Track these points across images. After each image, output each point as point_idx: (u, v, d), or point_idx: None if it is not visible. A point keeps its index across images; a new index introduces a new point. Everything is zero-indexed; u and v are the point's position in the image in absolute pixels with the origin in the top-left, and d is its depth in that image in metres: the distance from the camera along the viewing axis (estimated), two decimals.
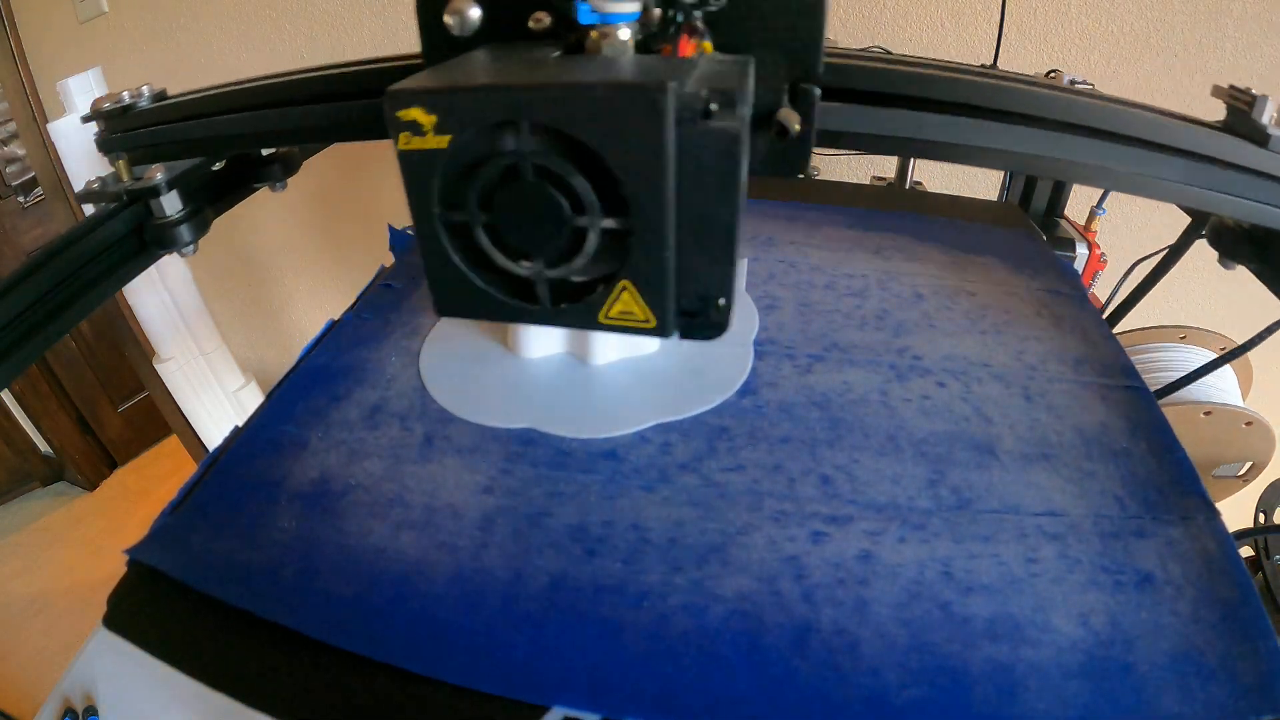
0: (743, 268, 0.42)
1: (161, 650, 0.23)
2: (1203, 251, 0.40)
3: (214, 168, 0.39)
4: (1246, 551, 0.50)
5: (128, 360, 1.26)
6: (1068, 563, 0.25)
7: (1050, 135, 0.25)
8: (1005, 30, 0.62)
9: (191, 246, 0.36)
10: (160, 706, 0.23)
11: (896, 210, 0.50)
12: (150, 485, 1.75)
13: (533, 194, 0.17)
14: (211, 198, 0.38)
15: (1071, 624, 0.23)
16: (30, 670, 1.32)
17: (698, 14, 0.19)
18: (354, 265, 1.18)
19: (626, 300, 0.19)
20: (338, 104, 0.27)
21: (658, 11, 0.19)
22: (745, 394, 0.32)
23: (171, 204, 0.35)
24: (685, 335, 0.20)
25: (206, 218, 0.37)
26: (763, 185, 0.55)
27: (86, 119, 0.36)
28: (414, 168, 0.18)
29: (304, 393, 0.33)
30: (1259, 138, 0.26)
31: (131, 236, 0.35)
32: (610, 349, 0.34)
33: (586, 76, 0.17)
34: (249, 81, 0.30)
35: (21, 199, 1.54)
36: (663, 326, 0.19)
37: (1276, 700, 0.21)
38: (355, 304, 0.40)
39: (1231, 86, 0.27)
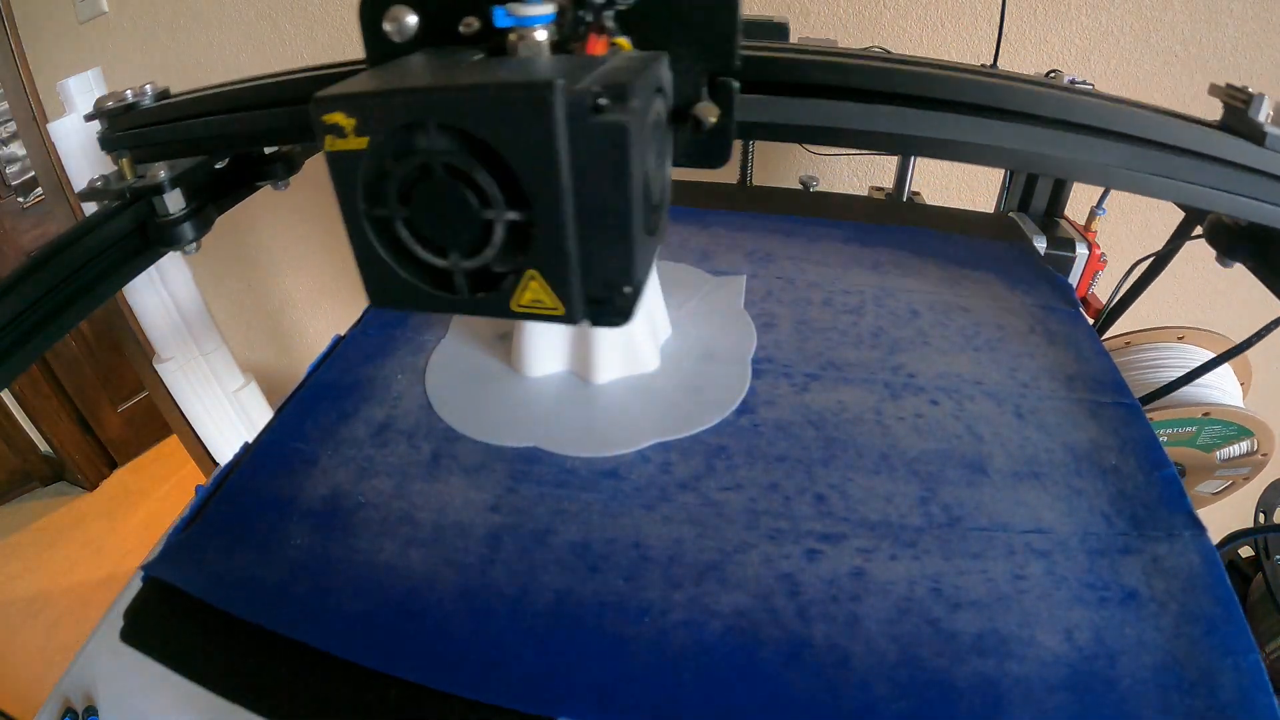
0: (741, 284, 0.42)
1: (177, 664, 0.24)
2: (1203, 252, 0.41)
3: (216, 166, 0.39)
4: (1246, 551, 0.51)
5: (128, 360, 1.26)
6: (1054, 579, 0.26)
7: (1018, 128, 0.25)
8: (1005, 31, 0.63)
9: (194, 245, 0.36)
10: (160, 707, 0.24)
11: (894, 224, 0.51)
12: (150, 485, 1.75)
13: (443, 190, 0.19)
14: (214, 196, 0.39)
15: (1056, 639, 0.24)
16: (30, 670, 1.32)
17: (608, 14, 0.20)
18: (354, 267, 1.19)
19: (535, 289, 0.20)
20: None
21: (570, 13, 0.20)
22: (743, 413, 0.33)
23: (174, 202, 0.35)
24: (595, 322, 0.21)
25: (209, 216, 0.38)
26: (761, 198, 0.56)
27: (90, 117, 0.36)
28: (339, 168, 0.19)
29: (312, 409, 0.34)
30: (1256, 136, 0.26)
31: (134, 234, 0.35)
32: (611, 368, 0.34)
33: (485, 77, 0.18)
34: (251, 80, 0.31)
35: (21, 199, 1.54)
36: (570, 314, 0.20)
37: (1256, 713, 0.22)
38: (361, 320, 0.41)
39: (1229, 85, 0.28)
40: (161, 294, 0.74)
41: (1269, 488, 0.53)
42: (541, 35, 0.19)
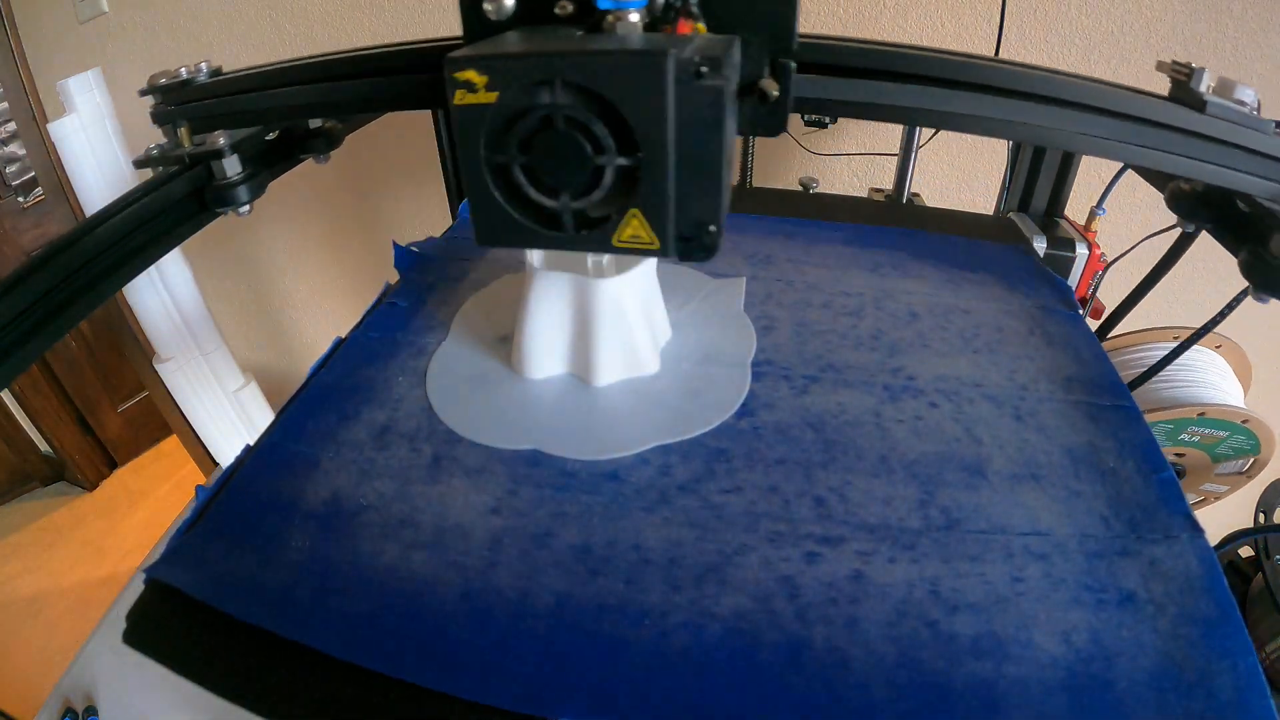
0: (741, 286, 0.43)
1: (179, 666, 0.24)
2: (1205, 252, 0.41)
3: (267, 138, 0.43)
4: (1246, 551, 0.51)
5: (128, 360, 1.26)
6: (1052, 582, 0.26)
7: (1007, 102, 0.29)
8: (1005, 30, 0.63)
9: (247, 207, 0.40)
10: (160, 708, 0.24)
11: (893, 226, 0.51)
12: (150, 485, 1.75)
13: (563, 139, 0.22)
14: (266, 164, 0.42)
15: (1054, 641, 0.24)
16: (30, 670, 1.32)
17: (692, 1, 0.24)
18: (354, 267, 1.19)
19: (635, 226, 0.23)
20: (388, 78, 0.31)
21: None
22: (743, 416, 0.33)
23: (232, 166, 0.39)
24: (683, 256, 0.24)
25: (263, 180, 0.41)
26: (762, 200, 0.56)
27: (144, 93, 0.39)
28: (467, 119, 0.22)
29: (314, 412, 0.34)
30: (1197, 104, 0.30)
31: (191, 198, 0.39)
32: (612, 371, 0.35)
33: (607, 45, 0.21)
34: (302, 59, 0.35)
35: (21, 199, 1.54)
36: (665, 248, 0.24)
37: (1254, 715, 0.22)
38: (361, 322, 0.41)
39: (1174, 61, 0.32)
40: (162, 294, 0.74)
41: (1269, 488, 0.53)
42: (635, 17, 0.23)
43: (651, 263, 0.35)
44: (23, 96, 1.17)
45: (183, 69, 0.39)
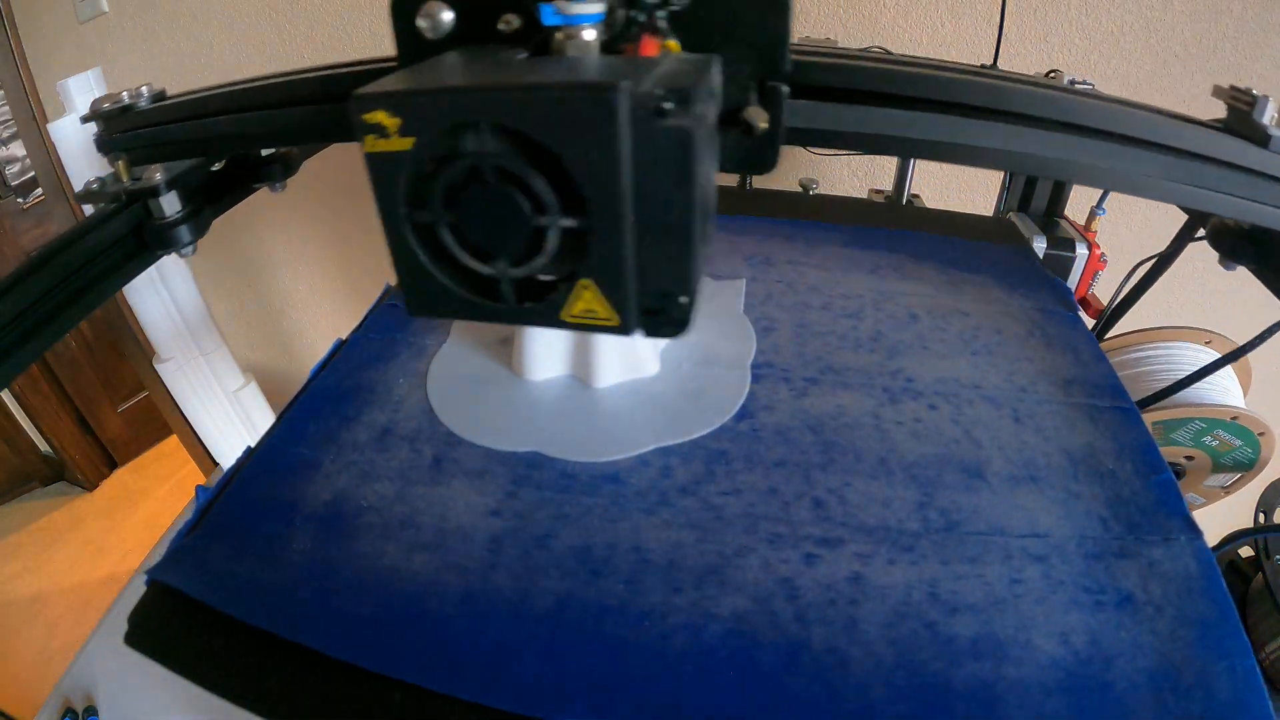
0: (740, 288, 0.43)
1: (181, 667, 0.24)
2: (1207, 252, 0.41)
3: (213, 168, 0.39)
4: (1246, 551, 0.51)
5: (128, 360, 1.26)
6: (1050, 583, 0.26)
7: (1037, 133, 0.24)
8: (1005, 30, 0.63)
9: (190, 247, 0.36)
10: (160, 708, 0.24)
11: (893, 227, 0.51)
12: (150, 485, 1.75)
13: (494, 194, 0.18)
14: (211, 198, 0.38)
15: (1052, 643, 0.24)
16: (30, 670, 1.32)
17: (660, 14, 0.20)
18: (353, 267, 1.19)
19: (588, 299, 0.19)
20: (333, 104, 0.27)
21: (622, 13, 0.19)
22: (742, 418, 0.33)
23: (170, 204, 0.34)
24: (649, 333, 0.20)
25: (205, 218, 0.37)
26: (762, 201, 0.56)
27: (86, 119, 0.36)
28: (380, 169, 0.18)
29: (315, 414, 0.34)
30: (1259, 138, 0.26)
31: (131, 237, 0.35)
32: (612, 372, 0.35)
33: (543, 77, 0.17)
34: (247, 82, 0.31)
35: (21, 199, 1.54)
36: (625, 324, 0.20)
37: (1251, 716, 0.22)
38: (362, 324, 0.41)
39: (1232, 87, 0.27)
40: (162, 294, 0.74)
41: (1269, 487, 0.53)
42: (590, 35, 0.19)
43: None
44: (23, 96, 1.17)
45: (124, 93, 0.35)
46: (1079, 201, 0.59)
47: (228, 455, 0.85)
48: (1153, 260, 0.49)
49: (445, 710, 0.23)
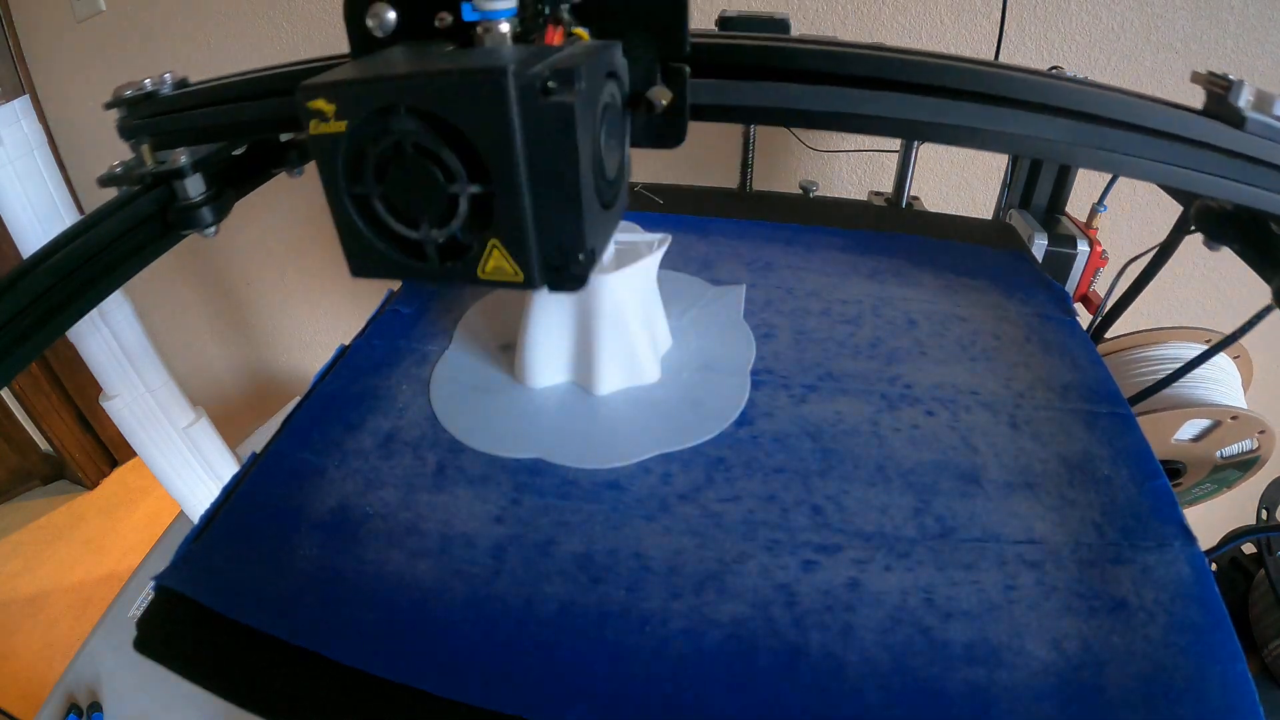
0: (740, 294, 0.43)
1: (189, 672, 0.25)
2: (1204, 254, 0.41)
3: (234, 153, 0.40)
4: (1249, 549, 0.52)
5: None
6: (1044, 589, 0.26)
7: (1009, 113, 0.26)
8: (1006, 28, 0.63)
9: (213, 228, 0.38)
10: (165, 705, 0.24)
11: (892, 231, 0.51)
12: (151, 483, 1.75)
13: (414, 167, 0.21)
14: (232, 181, 0.40)
15: (1045, 648, 0.24)
16: (31, 669, 1.33)
17: (564, 6, 0.23)
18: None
19: (498, 257, 0.22)
20: None
21: (532, 6, 0.22)
22: (742, 424, 0.33)
23: (195, 186, 0.37)
24: (553, 287, 0.23)
25: (227, 200, 0.39)
26: (762, 203, 0.57)
27: (108, 106, 0.37)
28: (321, 149, 0.21)
29: (319, 420, 0.35)
30: (1236, 120, 0.27)
31: (155, 218, 0.37)
32: (613, 380, 0.35)
33: (450, 65, 0.20)
34: (268, 69, 0.33)
35: None
36: (529, 279, 0.22)
37: None
38: (365, 330, 0.41)
39: (1210, 72, 0.29)
40: (103, 331, 0.73)
41: (1271, 484, 0.53)
42: (505, 28, 0.22)
43: (650, 260, 0.35)
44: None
45: (147, 80, 0.36)
46: (1080, 198, 0.60)
47: (182, 491, 0.84)
48: (1147, 255, 0.50)
49: (449, 714, 0.23)
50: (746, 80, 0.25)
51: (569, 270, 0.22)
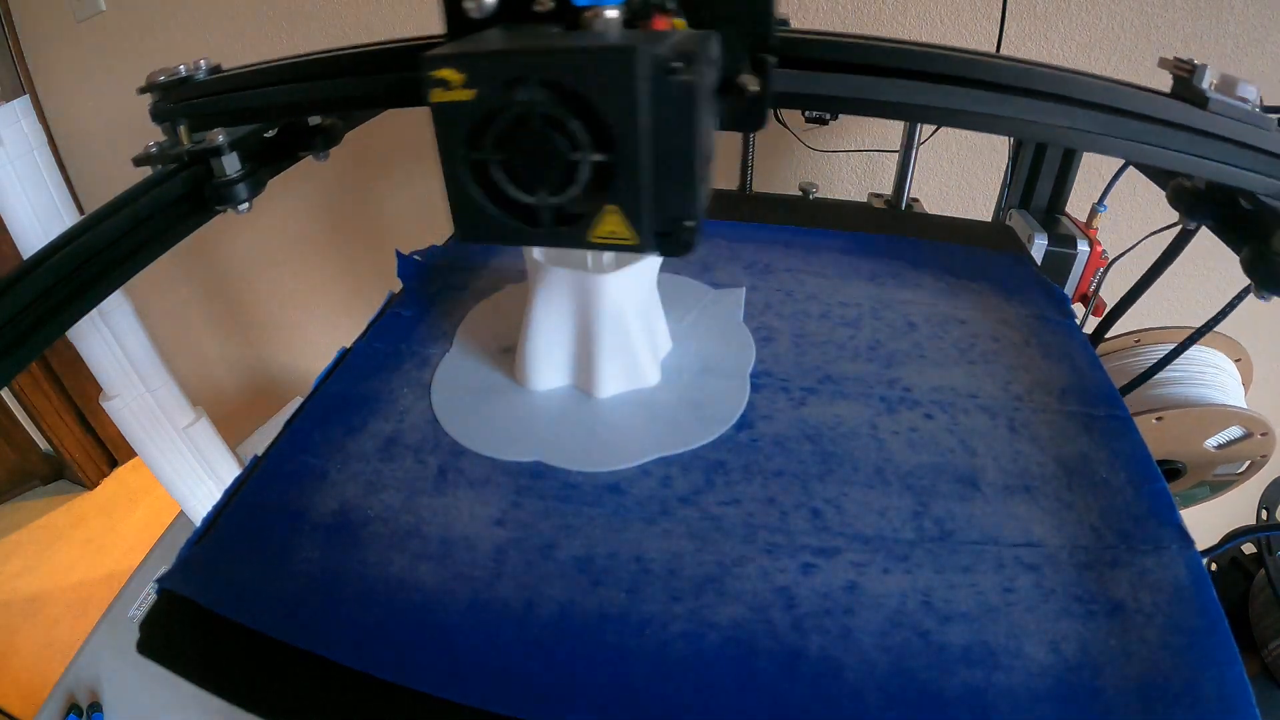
0: (740, 297, 0.43)
1: (192, 674, 0.25)
2: (1210, 252, 0.41)
3: (266, 135, 0.43)
4: (1249, 549, 0.52)
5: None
6: (1042, 592, 0.26)
7: (1005, 98, 0.28)
8: (1005, 29, 0.63)
9: (247, 204, 0.40)
10: (166, 705, 0.24)
11: (892, 233, 0.51)
12: (151, 483, 1.75)
13: (539, 136, 0.22)
14: (265, 161, 0.42)
15: (1043, 651, 0.24)
16: (31, 669, 1.33)
17: None
18: (354, 268, 1.20)
19: (612, 222, 0.24)
20: (381, 75, 0.31)
21: None
22: (742, 428, 0.34)
23: (231, 164, 0.39)
24: (661, 252, 0.25)
25: (261, 178, 0.41)
26: (763, 205, 0.57)
27: (142, 90, 0.39)
28: (444, 117, 0.22)
29: (321, 423, 0.35)
30: (1199, 101, 0.30)
31: (190, 196, 0.39)
32: (613, 383, 0.35)
33: (581, 43, 0.22)
34: (300, 56, 0.35)
35: None
36: (642, 243, 0.24)
37: None
38: (366, 332, 0.42)
39: (1176, 58, 0.31)
40: (103, 332, 0.73)
41: (1271, 484, 0.53)
42: (613, 13, 0.23)
43: (650, 263, 0.35)
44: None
45: (181, 66, 0.39)
46: (1080, 198, 0.60)
47: (183, 491, 0.85)
48: (1130, 251, 0.50)
49: (450, 716, 0.23)
50: (824, 72, 0.28)
51: (678, 236, 0.24)
